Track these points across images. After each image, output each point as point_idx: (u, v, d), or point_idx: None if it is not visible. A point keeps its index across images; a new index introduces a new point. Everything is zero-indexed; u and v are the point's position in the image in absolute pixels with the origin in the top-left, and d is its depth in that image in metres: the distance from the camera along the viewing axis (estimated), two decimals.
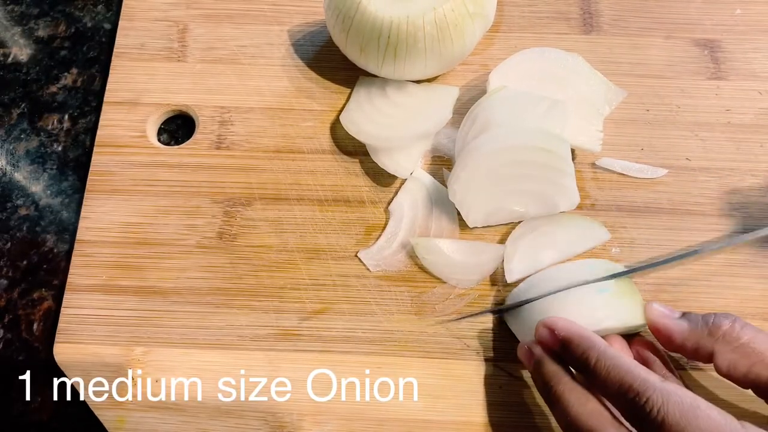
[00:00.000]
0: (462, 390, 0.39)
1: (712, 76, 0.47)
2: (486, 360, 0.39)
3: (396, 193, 0.44)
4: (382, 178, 0.44)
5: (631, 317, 0.37)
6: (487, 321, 0.40)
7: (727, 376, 0.32)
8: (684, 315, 0.35)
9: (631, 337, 0.39)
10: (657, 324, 0.35)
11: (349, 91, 0.47)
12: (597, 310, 0.37)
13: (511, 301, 0.40)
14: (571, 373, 0.34)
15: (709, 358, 0.33)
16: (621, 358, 0.31)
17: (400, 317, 0.40)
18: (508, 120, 0.41)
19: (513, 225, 0.42)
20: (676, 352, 0.35)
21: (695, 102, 0.46)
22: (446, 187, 0.43)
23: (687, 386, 0.35)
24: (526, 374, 0.39)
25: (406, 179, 0.44)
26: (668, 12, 0.50)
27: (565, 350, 0.34)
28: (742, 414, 0.37)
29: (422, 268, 0.41)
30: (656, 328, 0.35)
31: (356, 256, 0.42)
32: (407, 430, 0.38)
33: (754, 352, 0.31)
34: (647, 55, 0.48)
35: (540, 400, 0.38)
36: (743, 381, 0.31)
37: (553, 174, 0.40)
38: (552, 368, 0.34)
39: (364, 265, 0.42)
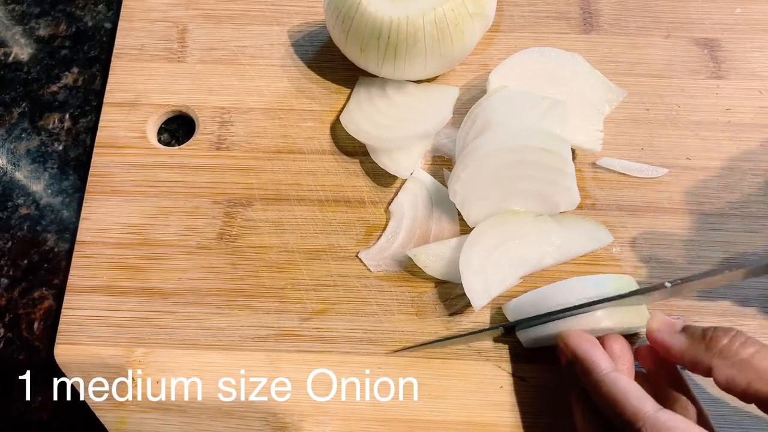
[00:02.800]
0: (462, 390, 0.39)
1: (712, 76, 0.47)
2: (486, 360, 0.39)
3: (396, 193, 0.44)
4: (382, 178, 0.44)
5: (630, 319, 0.37)
6: (488, 320, 0.40)
7: (727, 390, 0.32)
8: (685, 328, 0.35)
9: (633, 336, 0.39)
10: (655, 338, 0.35)
11: (349, 91, 0.47)
12: (596, 310, 0.37)
13: (513, 306, 0.40)
14: None
15: (707, 372, 0.33)
16: (617, 385, 0.32)
17: (401, 317, 0.40)
18: (508, 120, 0.41)
19: None
20: (676, 363, 0.35)
21: (695, 101, 0.46)
22: (447, 187, 0.43)
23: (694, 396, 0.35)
24: (527, 374, 0.39)
25: (406, 179, 0.44)
26: (668, 11, 0.50)
27: (572, 366, 0.35)
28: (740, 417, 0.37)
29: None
30: (654, 341, 0.36)
31: (357, 256, 0.42)
32: (407, 430, 0.38)
33: (751, 368, 0.31)
34: (647, 54, 0.48)
35: (541, 400, 0.38)
36: (744, 396, 0.31)
37: (554, 174, 0.40)
38: (565, 378, 0.36)
39: (365, 265, 0.42)
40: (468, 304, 0.40)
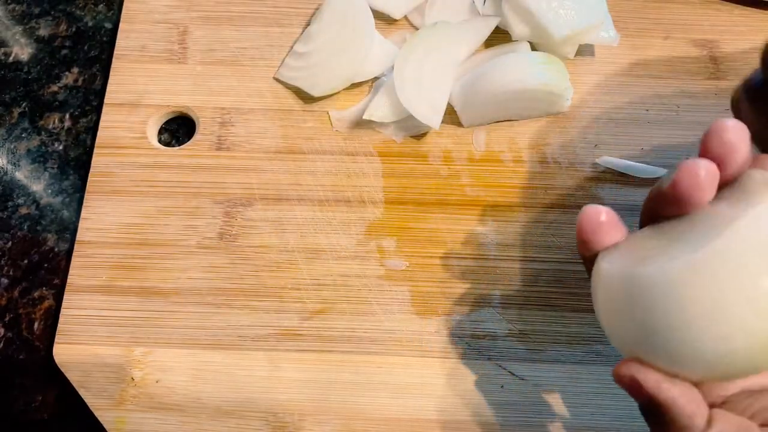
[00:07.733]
0: (463, 390, 0.39)
1: (711, 76, 0.47)
2: (487, 359, 0.39)
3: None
4: (382, 178, 0.44)
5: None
6: (489, 320, 0.40)
7: None
8: None
9: None
10: None
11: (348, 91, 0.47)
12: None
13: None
14: None
15: None
16: None
17: (401, 317, 0.40)
18: None
19: None
20: None
21: (695, 101, 0.46)
22: None
23: None
24: (528, 373, 0.39)
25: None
26: (667, 13, 0.50)
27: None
28: None
29: (423, 267, 0.41)
30: None
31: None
32: (408, 430, 0.38)
33: None
34: (646, 55, 0.48)
35: (541, 400, 0.38)
36: None
37: None
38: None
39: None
40: (470, 304, 0.40)
